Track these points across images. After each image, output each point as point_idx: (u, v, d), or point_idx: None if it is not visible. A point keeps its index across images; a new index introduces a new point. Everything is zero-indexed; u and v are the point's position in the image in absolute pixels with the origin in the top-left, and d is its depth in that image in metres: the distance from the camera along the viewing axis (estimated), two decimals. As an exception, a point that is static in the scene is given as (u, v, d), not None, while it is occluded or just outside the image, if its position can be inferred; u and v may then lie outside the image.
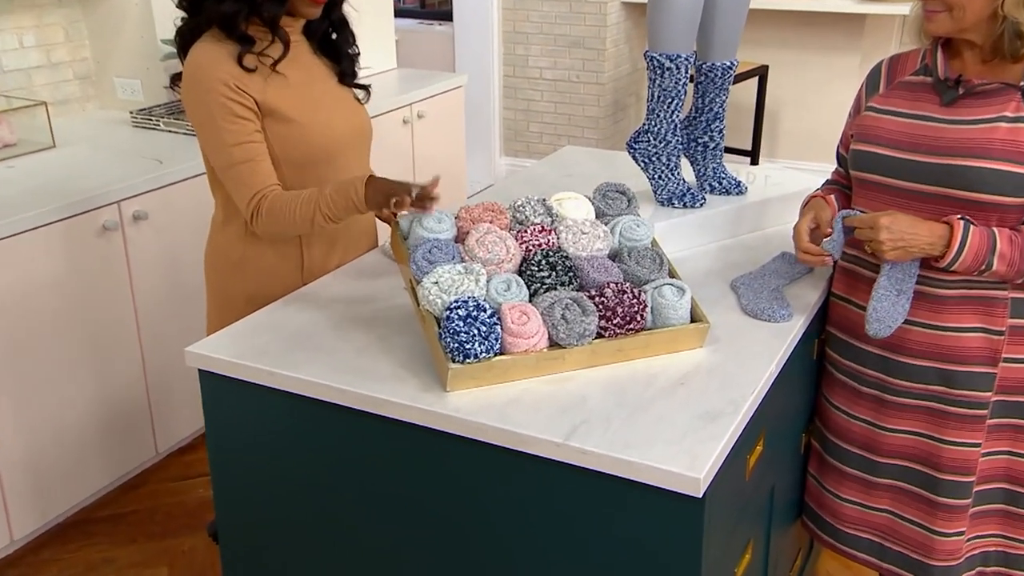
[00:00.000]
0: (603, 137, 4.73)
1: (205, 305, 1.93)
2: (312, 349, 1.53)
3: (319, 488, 1.53)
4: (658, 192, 2.00)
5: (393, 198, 1.53)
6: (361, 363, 1.49)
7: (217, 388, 1.55)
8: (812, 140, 4.74)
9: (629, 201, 1.67)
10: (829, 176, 1.88)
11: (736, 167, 2.21)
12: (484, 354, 1.39)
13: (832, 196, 1.76)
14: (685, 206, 1.97)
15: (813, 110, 4.73)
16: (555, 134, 4.83)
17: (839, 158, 1.82)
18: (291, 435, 1.52)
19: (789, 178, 2.16)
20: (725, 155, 4.18)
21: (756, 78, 4.54)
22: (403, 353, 1.51)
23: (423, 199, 1.54)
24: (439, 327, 1.42)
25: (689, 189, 1.99)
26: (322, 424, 1.47)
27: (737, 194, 2.03)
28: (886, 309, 1.57)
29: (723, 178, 2.04)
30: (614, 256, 1.60)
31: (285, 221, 1.66)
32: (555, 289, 1.49)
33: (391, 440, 1.42)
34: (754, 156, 4.62)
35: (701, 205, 1.97)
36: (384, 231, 2.02)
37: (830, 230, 1.66)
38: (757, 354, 1.51)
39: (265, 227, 1.68)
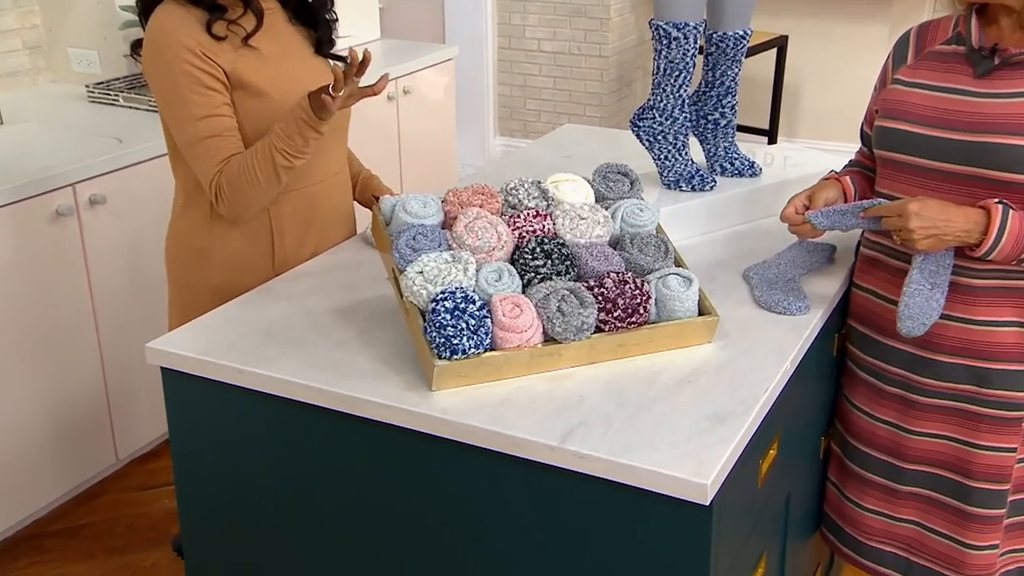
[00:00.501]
0: (606, 115, 4.73)
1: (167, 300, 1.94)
2: (286, 344, 1.54)
3: (294, 497, 1.53)
4: (664, 174, 2.00)
5: (329, 85, 1.58)
6: (339, 360, 1.49)
7: (181, 388, 1.56)
8: (836, 118, 4.74)
9: (632, 183, 1.68)
10: (852, 157, 1.89)
11: (751, 147, 2.22)
12: (473, 350, 1.39)
13: (848, 178, 1.77)
14: (693, 189, 1.98)
15: (837, 85, 4.74)
16: (554, 112, 4.83)
17: (863, 136, 1.82)
18: (263, 439, 1.52)
19: (810, 159, 2.17)
20: (739, 135, 4.16)
21: (774, 50, 4.55)
22: (385, 349, 1.52)
23: (353, 68, 1.57)
24: (424, 320, 1.42)
25: (698, 171, 1.99)
26: (297, 427, 1.48)
27: (750, 176, 2.04)
28: (919, 305, 1.57)
29: (735, 159, 2.04)
30: (615, 243, 1.61)
31: (247, 183, 1.65)
32: (550, 279, 1.49)
33: (372, 444, 1.43)
34: (771, 135, 4.63)
35: (711, 188, 1.98)
36: (363, 217, 2.03)
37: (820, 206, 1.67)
38: (771, 350, 1.52)
39: (230, 202, 1.67)
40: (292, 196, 1.83)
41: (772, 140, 4.59)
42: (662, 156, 1.99)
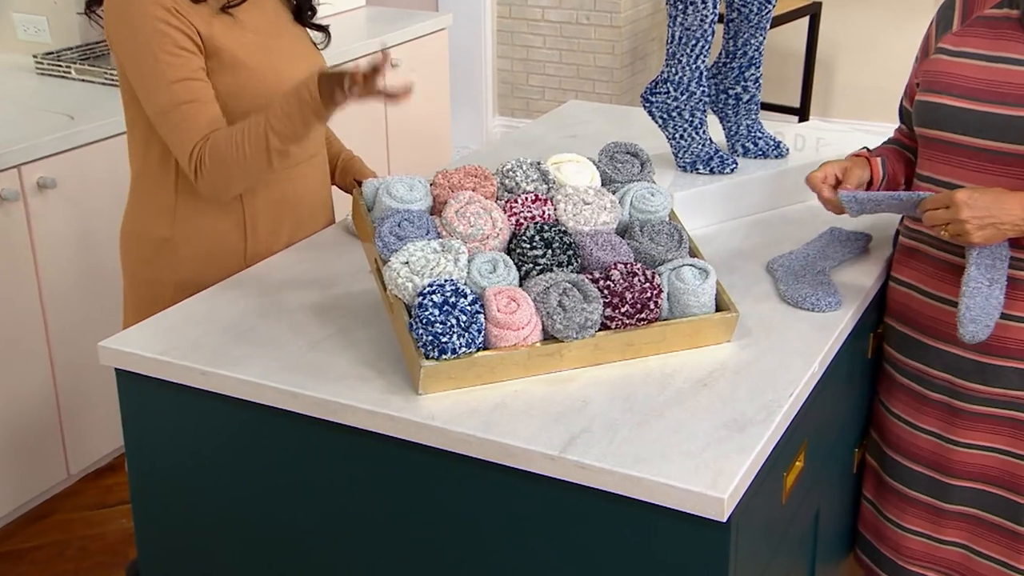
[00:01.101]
0: (618, 92, 4.73)
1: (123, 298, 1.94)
2: (256, 344, 1.54)
3: (265, 515, 1.53)
4: (679, 154, 2.01)
5: (346, 79, 1.55)
6: (316, 360, 1.49)
7: (138, 392, 1.56)
8: (876, 95, 4.75)
9: (642, 165, 1.68)
10: (891, 136, 1.89)
11: (779, 126, 2.22)
12: (464, 349, 1.40)
13: (879, 159, 1.77)
14: (712, 172, 1.98)
15: (877, 57, 4.74)
16: (560, 88, 4.83)
17: (902, 113, 1.82)
18: (230, 449, 1.53)
19: (844, 139, 2.16)
20: (765, 114, 4.15)
21: (806, 18, 4.55)
22: (367, 348, 1.52)
23: (376, 73, 1.54)
24: (409, 316, 1.43)
25: (717, 151, 1.99)
26: (268, 435, 1.48)
27: (776, 157, 2.04)
28: (980, 305, 1.56)
29: (759, 138, 2.05)
30: (623, 231, 1.61)
31: (233, 161, 1.64)
32: (551, 271, 1.50)
33: (352, 454, 1.43)
34: (802, 114, 4.63)
35: (732, 170, 1.98)
36: (344, 203, 2.03)
37: (848, 187, 1.67)
38: (797, 350, 1.52)
39: (211, 179, 1.67)
40: (265, 183, 1.83)
41: (803, 119, 4.59)
42: (677, 135, 1.99)
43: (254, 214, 1.83)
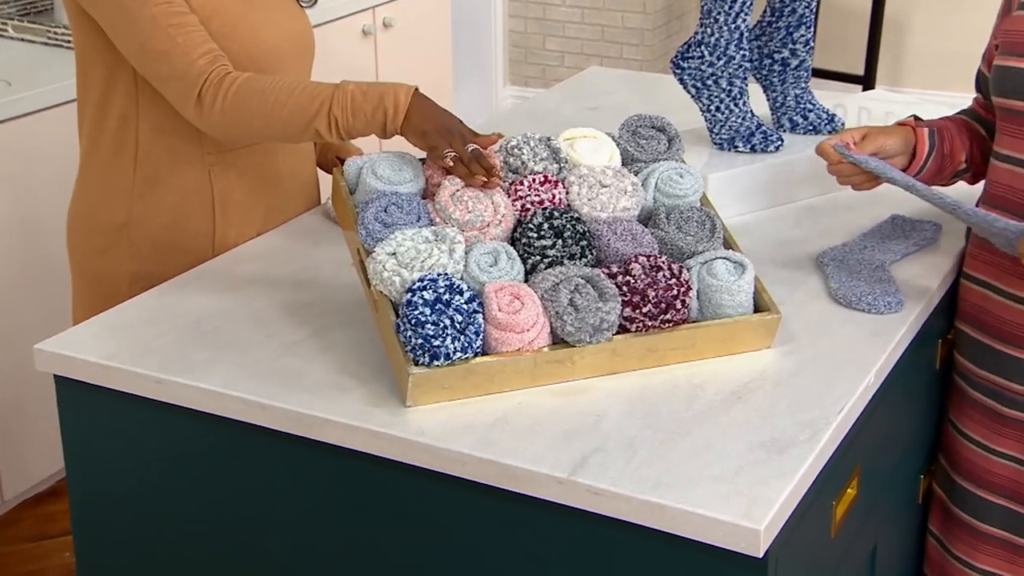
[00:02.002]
0: (650, 57, 4.74)
1: (71, 293, 1.96)
2: (220, 346, 1.56)
3: (231, 544, 1.55)
4: (715, 129, 2.01)
5: (447, 148, 1.55)
6: (289, 366, 1.51)
7: (80, 403, 1.57)
8: (955, 60, 4.73)
9: (670, 141, 1.69)
10: (967, 107, 1.89)
11: (838, 97, 2.22)
12: (459, 354, 1.41)
13: (929, 130, 1.75)
14: (753, 149, 1.99)
15: (957, 17, 4.73)
16: (582, 53, 4.84)
17: (979, 80, 1.83)
18: (189, 470, 1.54)
19: (916, 112, 2.14)
20: (824, 83, 4.14)
21: (872, -30, 4.55)
22: (348, 353, 1.53)
23: (477, 163, 1.55)
24: (397, 316, 1.44)
25: (759, 126, 2.00)
26: (233, 454, 1.50)
27: (829, 132, 2.04)
28: None
29: (809, 110, 2.05)
30: (647, 219, 1.62)
31: (263, 117, 1.65)
32: (561, 264, 1.51)
33: (330, 475, 1.45)
34: (867, 82, 4.62)
35: (777, 148, 1.99)
36: (329, 183, 2.04)
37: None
38: (850, 359, 1.53)
39: (223, 114, 1.67)
40: (239, 158, 1.85)
41: (868, 88, 4.59)
42: (712, 107, 2.00)
43: (225, 194, 1.85)
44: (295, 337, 1.58)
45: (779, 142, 1.99)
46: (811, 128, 2.05)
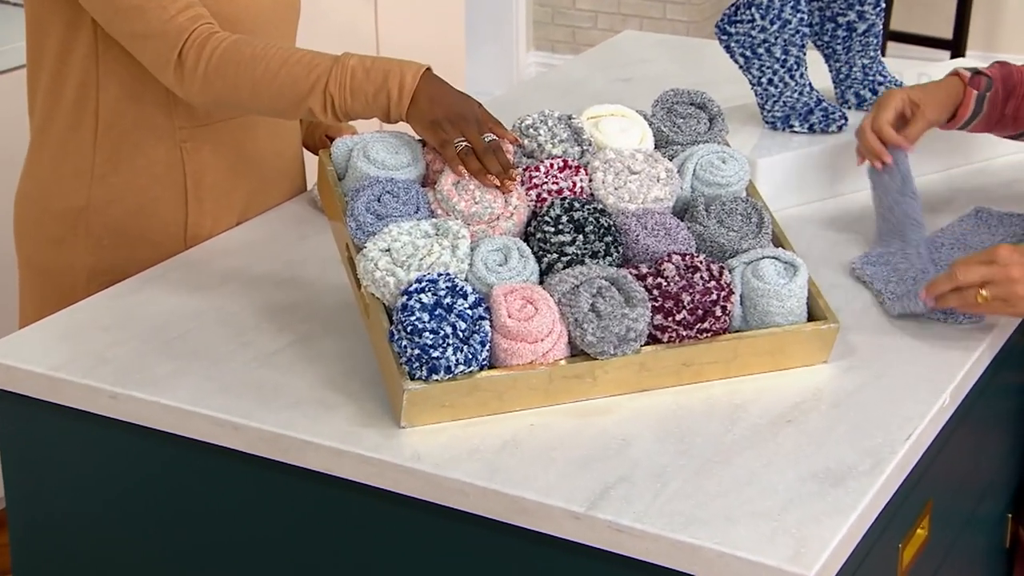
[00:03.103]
0: (698, 19, 4.73)
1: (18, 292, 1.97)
2: (188, 356, 1.56)
3: (194, 584, 1.56)
4: (767, 105, 2.01)
5: (459, 137, 1.55)
6: (267, 380, 1.52)
7: (23, 421, 1.58)
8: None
9: (711, 120, 1.69)
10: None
11: (922, 66, 2.20)
12: (462, 367, 1.41)
13: (987, 79, 1.76)
14: (811, 129, 1.98)
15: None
16: (618, 14, 4.84)
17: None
18: (149, 500, 1.54)
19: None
20: (904, 47, 4.12)
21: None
22: (335, 364, 1.54)
23: (493, 156, 1.55)
24: (391, 322, 1.44)
25: (819, 101, 1.99)
26: (200, 481, 1.50)
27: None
28: None
29: (879, 82, 2.05)
30: (683, 211, 1.62)
31: (252, 82, 1.65)
32: (582, 263, 1.51)
33: (312, 505, 1.45)
34: (957, 47, 4.59)
35: (839, 128, 1.98)
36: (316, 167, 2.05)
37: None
38: (921, 377, 1.52)
39: (206, 81, 1.67)
40: (215, 133, 1.86)
41: (958, 55, 4.57)
42: (764, 79, 2.00)
43: (199, 175, 1.86)
44: (275, 346, 1.58)
45: (842, 121, 1.99)
46: (880, 104, 2.05)
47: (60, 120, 1.84)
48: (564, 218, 1.53)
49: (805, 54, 2.00)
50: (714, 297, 1.48)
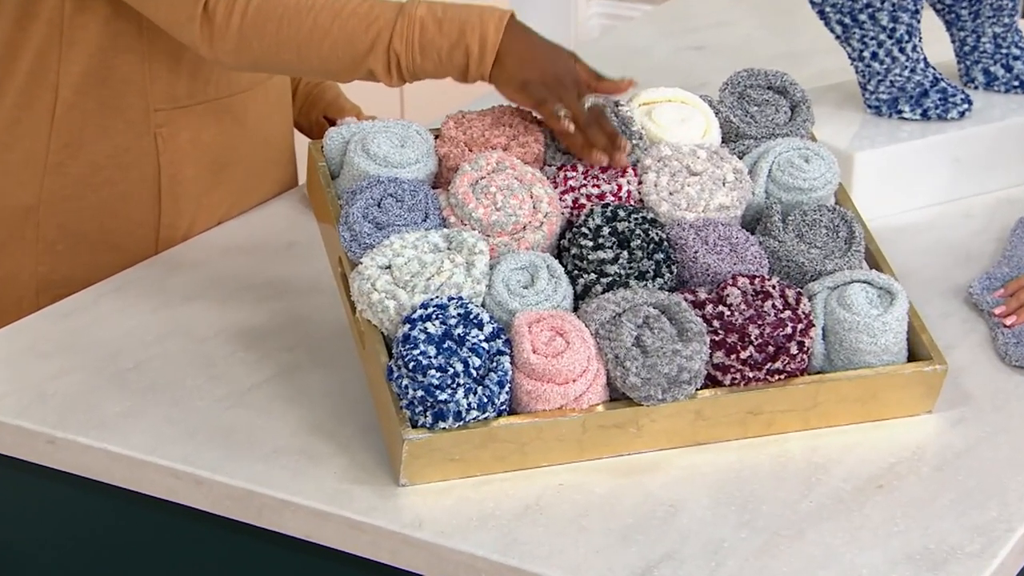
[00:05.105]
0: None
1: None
2: (145, 392, 1.60)
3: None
4: (869, 86, 2.02)
5: (558, 103, 1.59)
6: (239, 423, 1.55)
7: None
8: None
9: (794, 108, 1.71)
10: None
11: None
12: (475, 412, 1.43)
13: None
14: (926, 115, 2.00)
15: None
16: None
17: None
18: (95, 565, 1.58)
19: None
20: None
21: None
22: (323, 405, 1.57)
23: (598, 127, 1.60)
24: (391, 356, 1.47)
25: (938, 80, 2.01)
26: (156, 544, 1.53)
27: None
28: None
29: (1016, 56, 2.06)
30: (754, 222, 1.65)
31: (299, 40, 1.66)
32: (626, 286, 1.53)
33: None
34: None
35: (962, 114, 2.00)
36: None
37: None
38: (1050, 435, 1.54)
39: (241, 37, 1.68)
40: (196, 117, 1.91)
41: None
42: (867, 52, 2.00)
43: (174, 168, 1.90)
44: (251, 380, 1.61)
45: (966, 105, 2.00)
46: (1018, 83, 2.06)
47: (9, 96, 1.87)
48: (606, 229, 1.54)
49: (919, 21, 2.00)
50: (789, 331, 1.50)
